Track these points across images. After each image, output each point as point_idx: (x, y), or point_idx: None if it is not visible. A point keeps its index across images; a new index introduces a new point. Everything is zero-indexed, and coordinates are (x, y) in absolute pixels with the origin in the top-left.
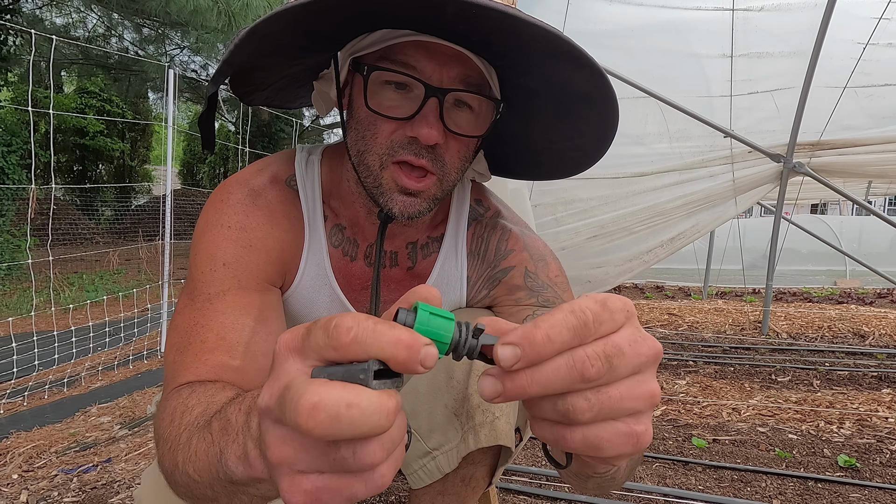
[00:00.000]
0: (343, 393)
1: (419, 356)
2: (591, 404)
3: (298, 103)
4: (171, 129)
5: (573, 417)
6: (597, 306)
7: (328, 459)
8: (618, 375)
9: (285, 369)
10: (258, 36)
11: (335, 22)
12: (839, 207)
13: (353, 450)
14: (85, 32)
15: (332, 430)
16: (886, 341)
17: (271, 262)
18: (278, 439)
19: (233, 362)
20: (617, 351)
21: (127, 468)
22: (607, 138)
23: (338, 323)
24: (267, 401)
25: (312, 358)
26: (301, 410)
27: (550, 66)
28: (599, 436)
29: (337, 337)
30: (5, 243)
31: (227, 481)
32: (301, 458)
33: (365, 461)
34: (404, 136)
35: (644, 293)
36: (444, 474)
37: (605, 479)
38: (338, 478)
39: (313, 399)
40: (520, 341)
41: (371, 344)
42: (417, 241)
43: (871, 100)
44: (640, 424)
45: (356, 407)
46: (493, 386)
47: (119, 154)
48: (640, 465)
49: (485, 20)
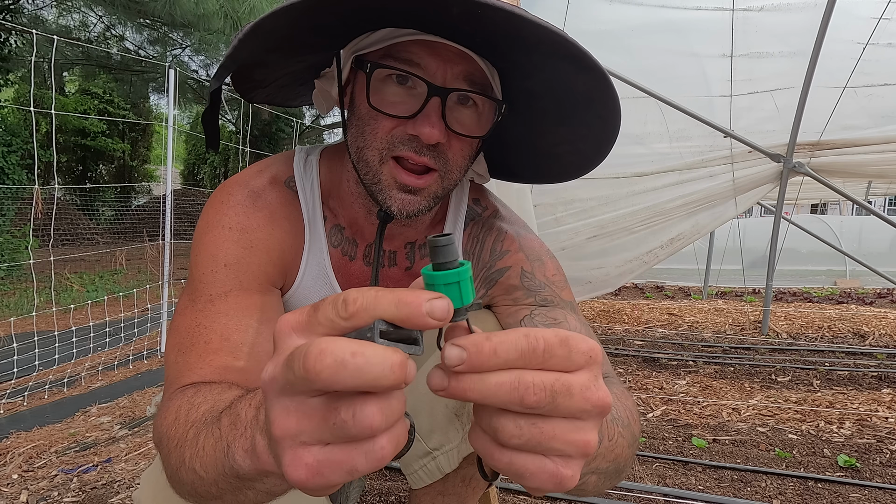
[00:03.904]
0: (349, 343)
1: (424, 308)
2: (521, 432)
3: (299, 101)
4: (171, 129)
5: (500, 438)
6: (555, 339)
7: (329, 425)
8: (557, 413)
9: (289, 343)
10: (262, 31)
11: (340, 18)
12: (839, 207)
13: (352, 411)
14: (87, 34)
15: (337, 375)
16: (886, 341)
17: (272, 263)
18: (283, 410)
19: (237, 364)
20: (565, 390)
21: (127, 468)
22: (608, 142)
23: (345, 296)
24: (272, 371)
25: (319, 333)
26: (309, 356)
27: (553, 68)
28: (525, 465)
29: (345, 307)
30: (6, 243)
31: (234, 476)
32: (305, 427)
33: (364, 423)
34: (405, 133)
35: (644, 293)
36: (445, 474)
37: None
38: (339, 449)
39: (321, 346)
40: (468, 346)
41: (375, 306)
42: (416, 241)
43: (871, 100)
44: (569, 469)
45: (360, 355)
46: (441, 379)
47: (120, 154)
48: (640, 465)
49: (490, 20)
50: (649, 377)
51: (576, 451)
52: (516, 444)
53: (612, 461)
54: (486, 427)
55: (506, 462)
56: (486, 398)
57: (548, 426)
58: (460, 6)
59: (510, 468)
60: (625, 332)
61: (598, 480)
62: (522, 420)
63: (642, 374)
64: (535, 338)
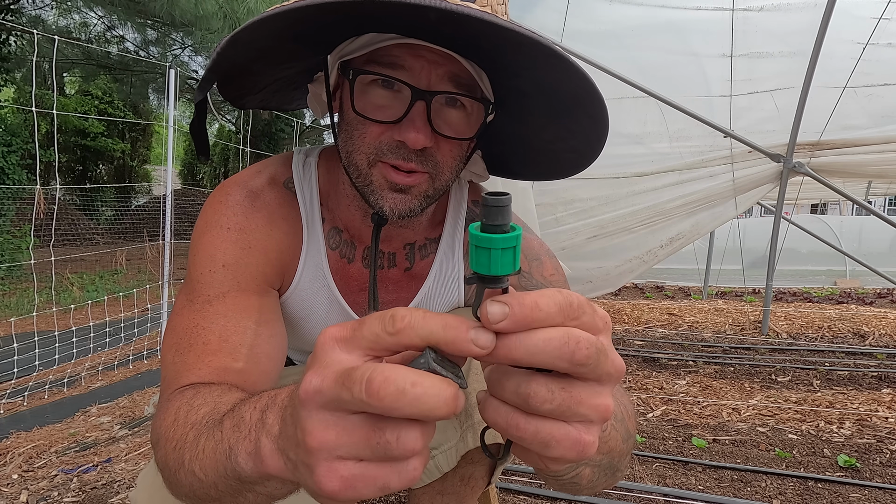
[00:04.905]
0: (409, 373)
1: (468, 335)
2: (553, 397)
3: (295, 105)
4: (171, 129)
5: (532, 405)
6: (583, 299)
7: (371, 444)
8: (590, 375)
9: (333, 358)
10: (241, 43)
11: (319, 27)
12: (839, 207)
13: (397, 434)
14: (87, 34)
15: (397, 402)
16: (886, 341)
17: (270, 264)
18: (321, 423)
19: (235, 365)
20: (603, 350)
21: (127, 468)
22: (599, 140)
23: (393, 313)
24: (318, 384)
25: (364, 347)
26: (373, 382)
27: (536, 67)
28: (551, 433)
29: (393, 324)
30: (6, 243)
31: (235, 478)
32: (343, 442)
33: (407, 447)
34: (392, 139)
35: (644, 293)
36: (443, 473)
37: (566, 482)
38: (375, 466)
39: (385, 373)
40: (509, 301)
41: (422, 327)
42: (415, 242)
43: (871, 100)
44: (590, 435)
45: (420, 386)
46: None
47: (120, 154)
48: (640, 465)
49: (468, 24)
50: (649, 377)
51: (598, 415)
52: (547, 409)
53: (605, 453)
54: (513, 395)
55: (532, 431)
56: (535, 355)
57: (576, 390)
58: (437, 13)
59: (536, 437)
60: (625, 332)
61: (592, 474)
62: (554, 384)
63: (642, 374)
64: (569, 294)
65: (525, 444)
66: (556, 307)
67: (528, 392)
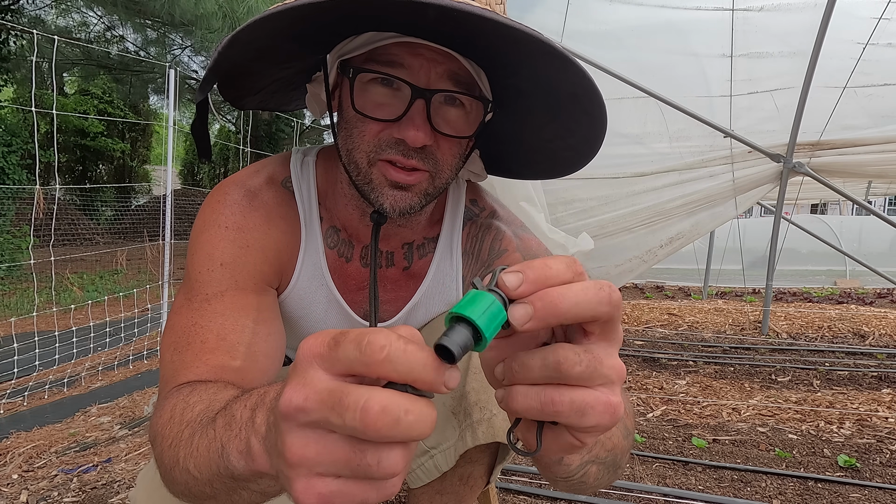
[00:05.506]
0: (401, 400)
1: (443, 378)
2: (580, 358)
3: (294, 106)
4: (171, 129)
5: (563, 370)
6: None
7: (351, 465)
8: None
9: (313, 376)
10: (241, 43)
11: (318, 26)
12: (839, 207)
13: (378, 458)
14: (87, 34)
15: (391, 431)
16: (886, 341)
17: (268, 263)
18: (301, 440)
19: (233, 363)
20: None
21: (127, 468)
22: (597, 138)
23: (371, 340)
24: (300, 402)
25: (339, 370)
26: (369, 412)
27: (534, 65)
28: (585, 400)
29: (370, 354)
30: (5, 243)
31: (228, 476)
32: (323, 460)
33: (388, 470)
34: (391, 137)
35: (644, 293)
36: (443, 473)
37: (575, 483)
38: (354, 483)
39: (382, 402)
40: (520, 269)
41: (402, 363)
42: (413, 241)
43: (871, 100)
44: (615, 395)
45: (412, 413)
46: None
47: (119, 154)
48: (640, 465)
49: (466, 22)
50: (649, 377)
51: (617, 375)
52: (577, 372)
53: (609, 450)
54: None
55: (567, 402)
56: (579, 304)
57: (596, 351)
58: (436, 10)
59: (573, 406)
60: (625, 332)
61: (598, 472)
62: (578, 347)
63: (642, 374)
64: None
65: (562, 418)
66: (563, 264)
67: (557, 359)
